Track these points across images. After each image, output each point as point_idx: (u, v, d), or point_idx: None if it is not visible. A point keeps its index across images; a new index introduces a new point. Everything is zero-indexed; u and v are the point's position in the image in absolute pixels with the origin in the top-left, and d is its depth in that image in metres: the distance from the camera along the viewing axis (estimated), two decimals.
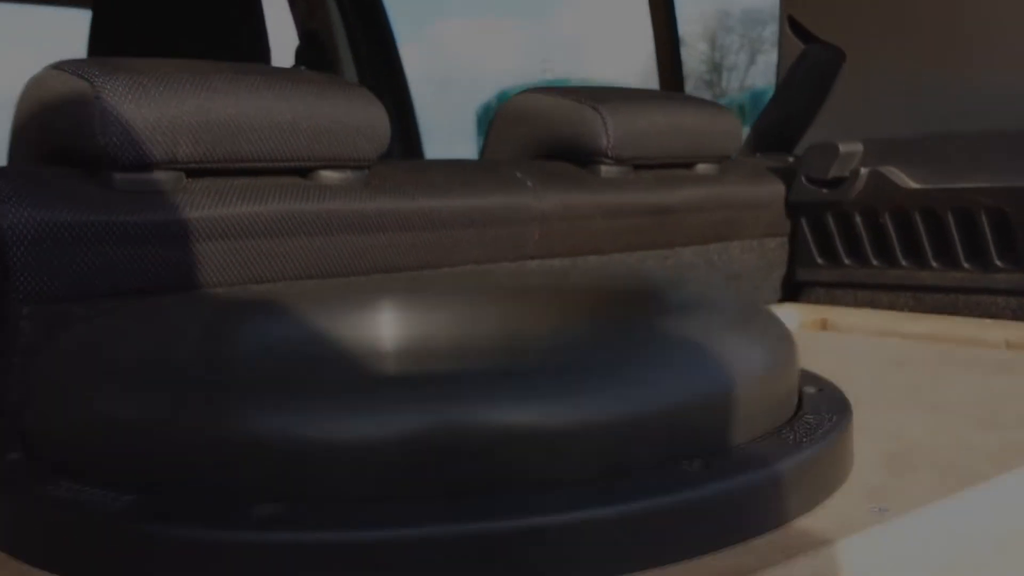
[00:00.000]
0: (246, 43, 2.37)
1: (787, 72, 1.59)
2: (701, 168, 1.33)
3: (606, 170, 1.21)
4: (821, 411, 0.57)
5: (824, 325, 1.26)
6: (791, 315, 1.30)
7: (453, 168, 1.07)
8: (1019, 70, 1.24)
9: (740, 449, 0.49)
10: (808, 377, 0.66)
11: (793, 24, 1.57)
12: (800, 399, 0.59)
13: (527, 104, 1.26)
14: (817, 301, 1.42)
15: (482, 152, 1.33)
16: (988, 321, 1.15)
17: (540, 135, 1.25)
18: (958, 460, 0.57)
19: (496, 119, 1.30)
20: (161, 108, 0.81)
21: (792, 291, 1.47)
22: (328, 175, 0.94)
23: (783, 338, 0.59)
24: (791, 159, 1.50)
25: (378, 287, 0.77)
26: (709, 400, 0.48)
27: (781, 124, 1.60)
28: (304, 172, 0.93)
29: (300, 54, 2.75)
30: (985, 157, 1.22)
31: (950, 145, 1.26)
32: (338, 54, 2.67)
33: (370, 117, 0.95)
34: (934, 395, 0.75)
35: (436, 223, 1.00)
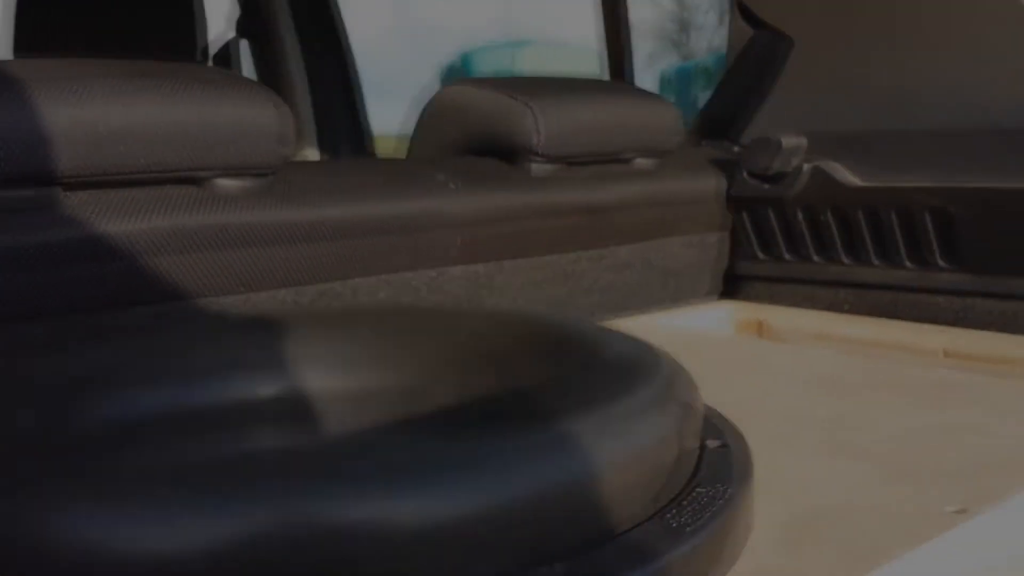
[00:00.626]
0: (181, 16, 2.28)
1: (735, 58, 1.54)
2: (639, 163, 1.28)
3: (537, 168, 1.15)
4: (718, 478, 0.52)
5: (759, 327, 1.22)
6: (726, 315, 1.26)
7: (368, 171, 1.01)
8: (968, 68, 1.20)
9: (613, 544, 0.44)
10: (713, 425, 0.62)
11: (743, 10, 1.51)
12: (700, 458, 0.55)
13: (456, 98, 1.20)
14: (757, 297, 1.39)
15: (410, 148, 1.27)
16: (926, 326, 1.12)
17: (469, 131, 1.19)
18: (866, 530, 0.53)
19: (424, 113, 1.24)
20: (30, 118, 0.74)
21: (732, 286, 1.43)
22: (225, 184, 0.88)
23: (679, 397, 0.54)
24: (736, 149, 1.45)
25: (250, 320, 0.72)
26: (574, 489, 0.43)
27: (728, 112, 1.55)
28: (198, 181, 0.87)
29: (240, 25, 2.66)
30: (931, 156, 1.18)
31: (896, 142, 1.22)
32: (278, 23, 2.58)
33: (272, 118, 0.89)
34: (855, 433, 0.71)
35: (347, 232, 0.95)
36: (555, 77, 1.26)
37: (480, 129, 1.17)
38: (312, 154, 2.66)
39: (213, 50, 2.70)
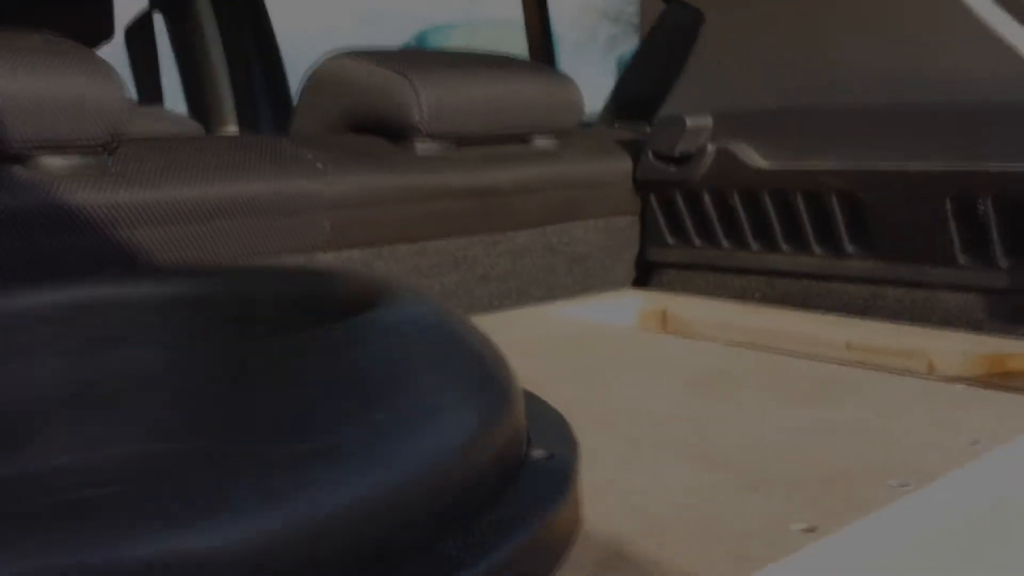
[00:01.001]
0: None
1: (647, 33, 1.47)
2: (539, 143, 1.21)
3: (422, 147, 1.07)
4: (528, 499, 0.45)
5: (663, 318, 1.16)
6: (631, 306, 1.19)
7: (222, 148, 0.92)
8: (882, 43, 1.14)
9: None
10: (546, 432, 0.55)
11: None
12: (514, 473, 0.48)
13: (335, 72, 1.12)
14: (669, 283, 1.32)
15: (291, 128, 1.18)
16: (832, 318, 1.06)
17: (349, 107, 1.11)
18: (694, 552, 0.46)
19: (304, 89, 1.16)
20: None
21: (644, 273, 1.37)
22: (52, 162, 0.79)
23: (491, 403, 0.47)
24: (649, 129, 1.38)
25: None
26: (309, 530, 0.36)
27: (641, 90, 1.49)
28: (21, 159, 0.78)
29: None
30: (841, 135, 1.12)
31: (803, 121, 1.16)
32: None
33: (104, 90, 0.80)
34: (721, 436, 0.64)
35: (193, 215, 0.86)
36: (446, 51, 1.18)
37: (360, 106, 1.09)
38: (232, 132, 2.56)
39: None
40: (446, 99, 1.06)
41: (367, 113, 1.09)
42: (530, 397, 0.62)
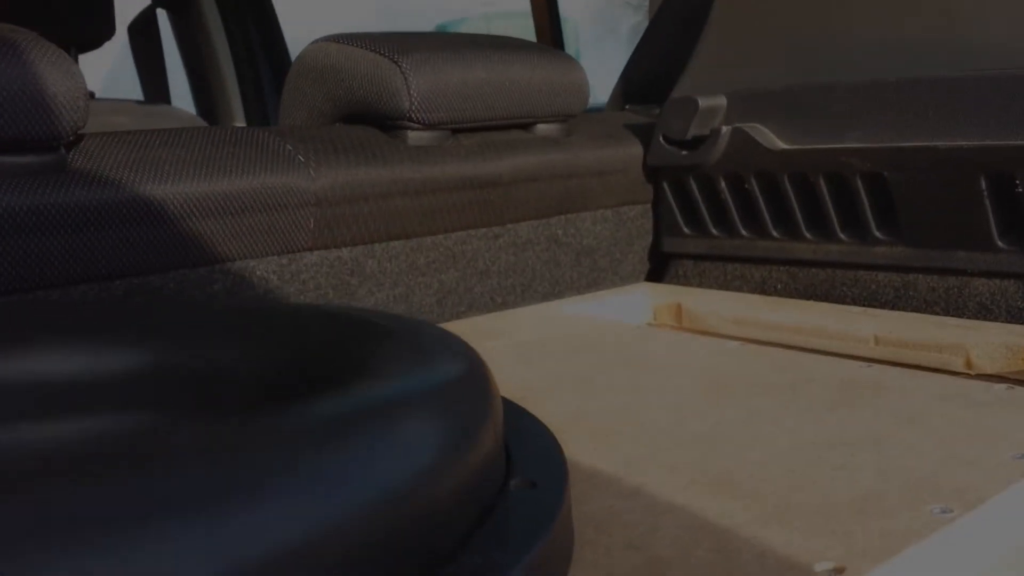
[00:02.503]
0: None
1: (657, 10, 1.39)
2: (541, 129, 1.14)
3: (414, 136, 1.01)
4: (501, 541, 0.39)
5: (678, 313, 1.08)
6: (643, 301, 1.12)
7: (196, 141, 0.86)
8: (902, 10, 1.06)
9: None
10: (537, 453, 0.48)
11: None
12: (489, 507, 0.41)
13: (320, 58, 1.05)
14: (685, 276, 1.25)
15: (279, 116, 1.12)
16: (858, 310, 0.98)
17: (337, 95, 1.04)
18: None
19: (289, 77, 1.09)
20: None
21: (659, 265, 1.29)
22: (3, 160, 0.73)
23: (458, 426, 0.40)
24: (658, 112, 1.31)
25: None
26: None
27: (651, 71, 1.41)
28: None
29: None
30: (862, 112, 1.04)
31: (824, 98, 1.08)
32: None
33: (58, 82, 0.74)
34: (727, 457, 0.57)
35: (162, 215, 0.80)
36: (440, 34, 1.11)
37: (348, 93, 1.02)
38: None
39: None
40: (439, 84, 0.99)
41: (355, 101, 1.02)
42: (517, 413, 0.56)
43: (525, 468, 0.46)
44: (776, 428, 0.61)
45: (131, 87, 2.72)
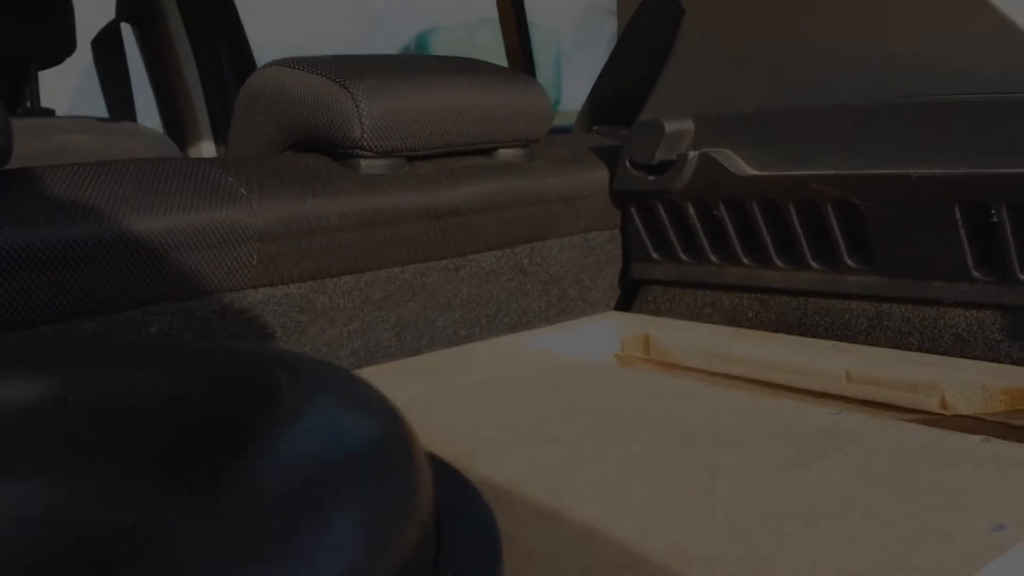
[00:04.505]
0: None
1: (624, 30, 1.35)
2: (503, 155, 1.10)
3: (367, 164, 0.96)
4: None
5: (646, 344, 1.05)
6: (611, 332, 1.08)
7: (128, 174, 0.81)
8: (874, 33, 1.03)
9: None
10: (469, 541, 0.44)
11: None
12: None
13: (268, 83, 1.01)
14: (655, 302, 1.21)
15: (227, 147, 1.08)
16: (829, 345, 0.94)
17: (287, 123, 1.00)
18: None
19: (239, 100, 1.05)
20: None
21: (629, 291, 1.26)
22: None
23: (362, 523, 0.36)
24: (626, 134, 1.27)
25: None
26: None
27: (620, 91, 1.37)
28: None
29: (121, 6, 2.44)
30: (832, 137, 1.01)
31: (793, 123, 1.04)
32: (162, 3, 2.36)
33: None
34: (689, 532, 0.54)
35: (90, 256, 0.75)
36: (394, 56, 1.07)
37: (297, 120, 0.98)
38: (208, 148, 2.45)
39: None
40: (392, 110, 0.95)
41: (306, 128, 0.98)
42: (453, 481, 0.51)
43: (455, 556, 0.42)
44: (738, 491, 0.57)
45: (98, 104, 2.66)
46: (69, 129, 1.93)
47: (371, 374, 0.89)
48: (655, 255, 1.20)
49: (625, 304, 1.25)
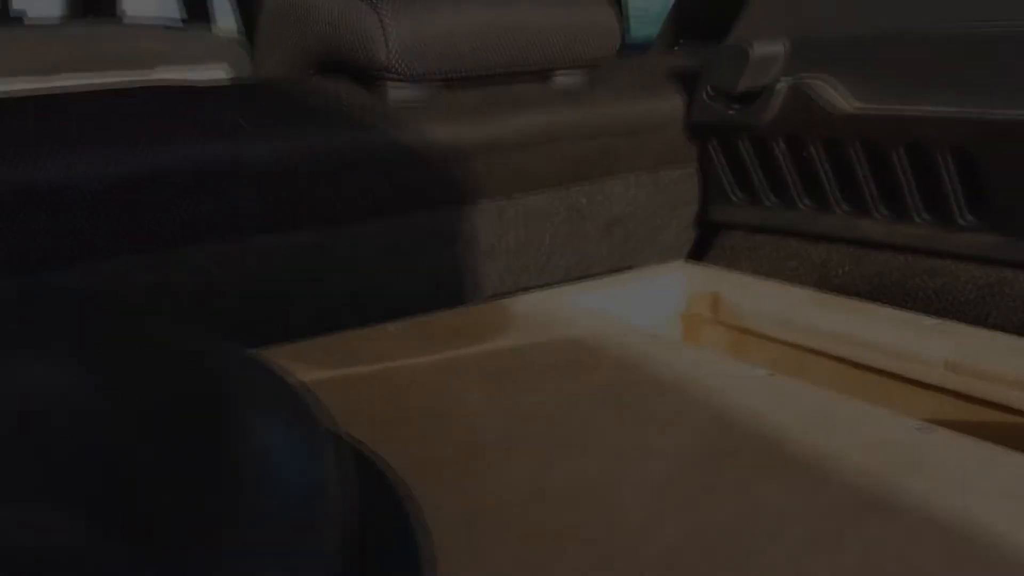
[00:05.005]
0: None
1: None
2: (560, 81, 0.96)
3: (395, 92, 0.84)
4: None
5: (715, 304, 0.91)
6: (678, 286, 0.95)
7: (109, 108, 0.72)
8: None
9: None
10: None
11: None
12: None
13: None
14: (733, 250, 1.07)
15: (254, 63, 0.97)
16: (930, 322, 0.79)
17: (311, 41, 0.88)
18: None
19: (263, 14, 0.93)
20: None
21: (705, 235, 1.11)
22: None
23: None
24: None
25: None
26: None
27: (709, 2, 1.20)
28: None
29: None
30: (952, 71, 0.83)
31: (907, 49, 0.87)
32: None
33: None
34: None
35: (63, 201, 0.66)
36: None
37: (320, 40, 0.86)
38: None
39: None
40: (423, 28, 0.82)
41: (330, 50, 0.86)
42: (384, 503, 0.41)
43: None
44: (774, 547, 0.45)
45: None
46: (138, 36, 1.86)
47: (392, 334, 0.79)
48: (736, 197, 1.06)
49: (699, 250, 1.11)
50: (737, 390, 0.64)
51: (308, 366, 0.67)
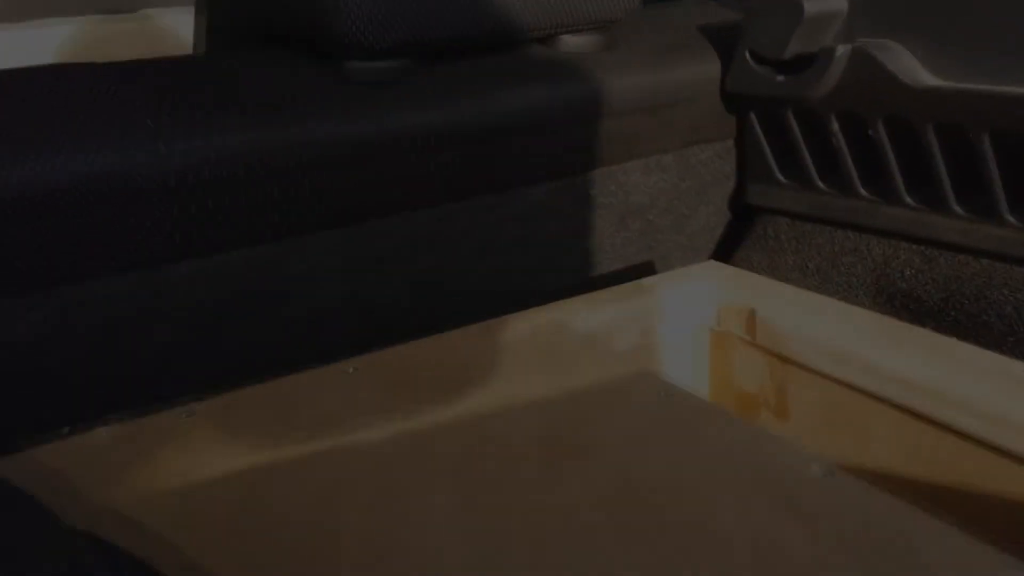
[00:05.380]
0: None
1: None
2: (567, 43, 0.79)
3: (358, 68, 0.68)
4: None
5: (749, 323, 0.75)
6: (707, 294, 0.78)
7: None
8: None
9: None
10: None
11: None
12: None
13: None
14: (777, 240, 0.90)
15: (198, 37, 0.81)
16: (1017, 365, 0.62)
17: (261, 10, 0.72)
18: None
19: None
20: None
21: (742, 221, 0.95)
22: None
23: None
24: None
25: None
26: None
27: None
28: None
29: None
30: None
31: (1000, 10, 0.68)
32: None
33: None
34: None
35: None
36: None
37: (273, 7, 0.70)
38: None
39: None
40: None
41: (284, 19, 0.70)
42: None
43: None
44: None
45: None
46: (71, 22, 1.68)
47: (351, 379, 0.63)
48: (782, 178, 0.88)
49: (735, 238, 0.94)
50: (780, 500, 0.48)
51: (226, 432, 0.53)
